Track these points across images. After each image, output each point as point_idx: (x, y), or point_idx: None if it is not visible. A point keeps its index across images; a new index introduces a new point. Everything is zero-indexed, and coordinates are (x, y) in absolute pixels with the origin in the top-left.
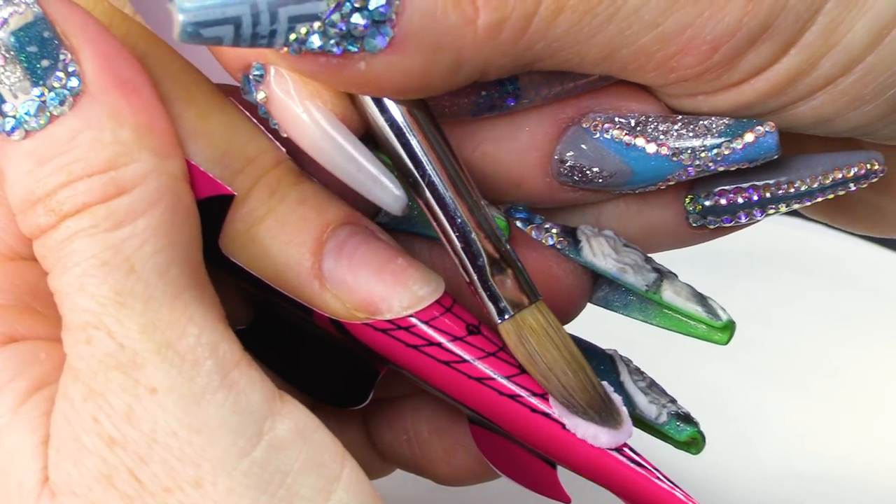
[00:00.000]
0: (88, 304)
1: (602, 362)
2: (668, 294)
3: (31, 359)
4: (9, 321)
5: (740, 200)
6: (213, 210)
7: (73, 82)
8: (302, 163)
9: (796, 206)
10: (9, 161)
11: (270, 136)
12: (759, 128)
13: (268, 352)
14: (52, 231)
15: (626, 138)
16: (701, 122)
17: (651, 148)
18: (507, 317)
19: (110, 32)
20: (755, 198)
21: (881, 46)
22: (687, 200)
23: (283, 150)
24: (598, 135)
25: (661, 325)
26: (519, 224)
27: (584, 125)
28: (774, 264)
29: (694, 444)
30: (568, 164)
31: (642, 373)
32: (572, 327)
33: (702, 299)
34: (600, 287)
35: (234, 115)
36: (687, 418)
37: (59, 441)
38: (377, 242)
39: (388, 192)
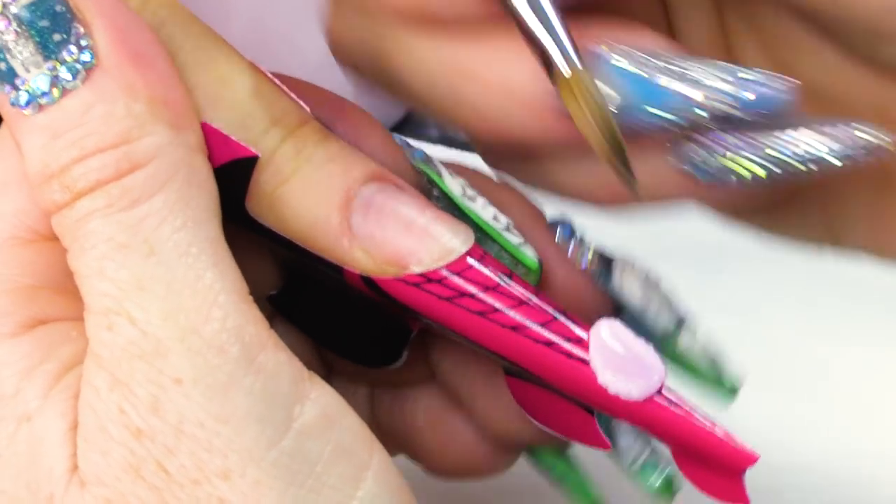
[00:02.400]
0: (108, 289)
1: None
2: (682, 344)
3: (62, 338)
4: (37, 303)
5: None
6: (237, 173)
7: (86, 56)
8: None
9: (798, 168)
10: (24, 136)
11: (294, 97)
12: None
13: (300, 316)
14: (67, 209)
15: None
16: (717, 63)
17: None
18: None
19: (124, 4)
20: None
21: None
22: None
23: (307, 109)
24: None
25: (671, 364)
26: (559, 237)
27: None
28: (752, 257)
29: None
30: None
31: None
32: None
33: (714, 358)
34: (620, 318)
35: (256, 78)
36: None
37: (87, 430)
38: (405, 197)
39: None
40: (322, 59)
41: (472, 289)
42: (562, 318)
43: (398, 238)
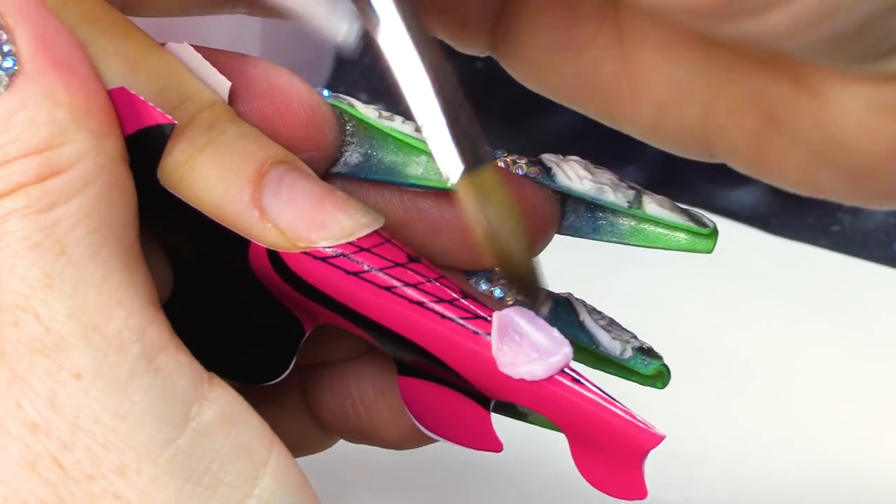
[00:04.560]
0: (18, 286)
1: (558, 304)
2: (651, 207)
3: None
4: None
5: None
6: (153, 140)
7: (9, 63)
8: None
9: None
10: None
11: (210, 81)
12: None
13: (187, 329)
14: None
15: None
16: None
17: None
18: (470, 168)
19: (47, 10)
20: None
21: None
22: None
23: (223, 95)
24: None
25: (638, 243)
26: None
27: None
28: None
29: (660, 377)
30: None
31: (600, 312)
32: None
33: (683, 210)
34: (566, 216)
35: (170, 59)
36: (651, 352)
37: None
38: (315, 180)
39: (342, 21)
40: (230, 43)
41: (380, 264)
42: (467, 300)
43: (310, 211)
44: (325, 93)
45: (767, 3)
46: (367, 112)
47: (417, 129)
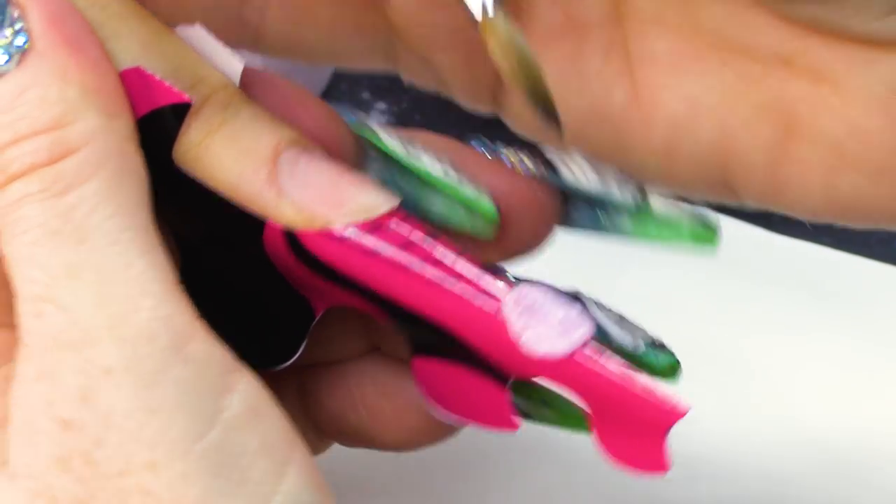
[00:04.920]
0: (39, 276)
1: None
2: (656, 204)
3: None
4: None
5: None
6: (168, 120)
7: (20, 40)
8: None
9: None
10: None
11: (221, 65)
12: None
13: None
14: (1, 191)
15: None
16: None
17: None
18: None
19: None
20: None
21: None
22: None
23: (234, 79)
24: None
25: (640, 238)
26: (486, 153)
27: None
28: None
29: (672, 370)
30: None
31: (609, 308)
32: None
33: (690, 207)
34: (569, 211)
35: (181, 42)
36: (662, 346)
37: (17, 423)
38: (330, 161)
39: None
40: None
41: (397, 241)
42: (486, 276)
43: (327, 189)
44: (351, 119)
45: None
46: (393, 145)
47: (446, 172)
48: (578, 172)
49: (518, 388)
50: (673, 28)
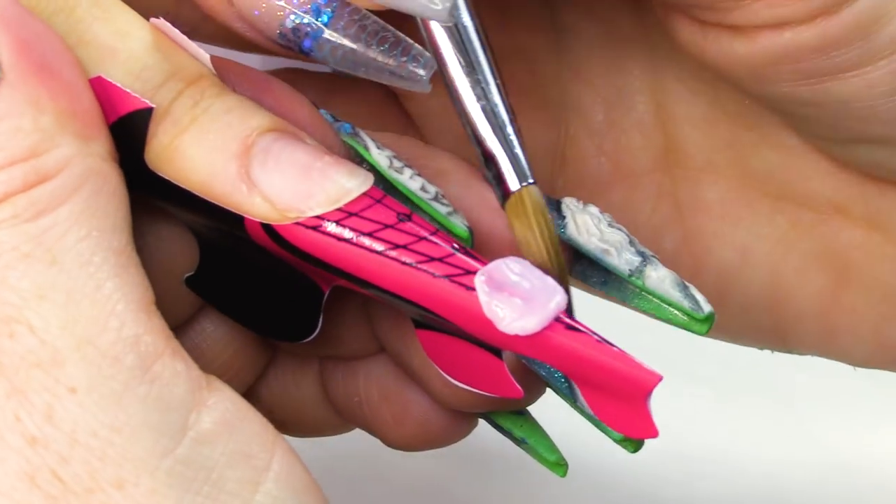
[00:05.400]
0: (10, 298)
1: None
2: (651, 280)
3: None
4: None
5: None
6: (135, 126)
7: None
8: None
9: None
10: None
11: (193, 53)
12: None
13: (217, 294)
14: None
15: None
16: None
17: None
18: (525, 183)
19: (27, 13)
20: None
21: None
22: None
23: (208, 66)
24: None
25: (639, 307)
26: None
27: None
28: None
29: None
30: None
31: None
32: None
33: (685, 288)
34: (579, 261)
35: (152, 34)
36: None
37: None
38: (304, 145)
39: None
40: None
41: (370, 228)
42: (458, 255)
43: (296, 183)
44: (345, 128)
45: (871, 55)
46: (380, 159)
47: (423, 188)
48: (583, 230)
49: (496, 426)
50: (724, 175)
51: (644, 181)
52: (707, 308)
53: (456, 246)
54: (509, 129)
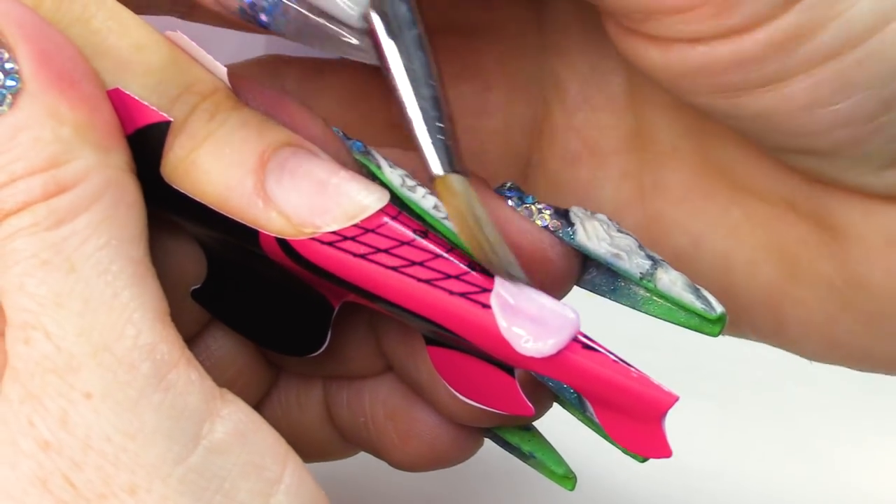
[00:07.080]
0: (28, 304)
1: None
2: (663, 282)
3: None
4: None
5: None
6: (152, 139)
7: (11, 81)
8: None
9: None
10: None
11: (208, 67)
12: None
13: (224, 308)
14: None
15: None
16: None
17: None
18: (446, 172)
19: (47, 24)
20: None
21: (883, 33)
22: None
23: (223, 79)
24: None
25: (649, 312)
26: (511, 203)
27: None
28: None
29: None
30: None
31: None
32: None
33: (696, 290)
34: (588, 270)
35: (169, 48)
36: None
37: None
38: (319, 161)
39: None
40: (236, 47)
41: (386, 244)
42: (474, 273)
43: (312, 198)
44: (357, 146)
45: (787, 72)
46: (392, 178)
47: (436, 207)
48: (593, 236)
49: (504, 444)
50: (687, 162)
51: (610, 160)
52: (719, 308)
53: (471, 264)
54: (438, 121)
